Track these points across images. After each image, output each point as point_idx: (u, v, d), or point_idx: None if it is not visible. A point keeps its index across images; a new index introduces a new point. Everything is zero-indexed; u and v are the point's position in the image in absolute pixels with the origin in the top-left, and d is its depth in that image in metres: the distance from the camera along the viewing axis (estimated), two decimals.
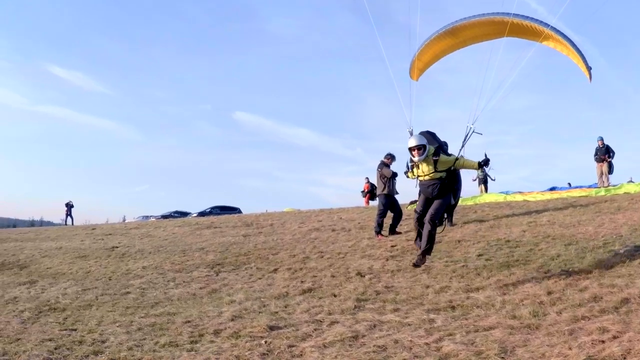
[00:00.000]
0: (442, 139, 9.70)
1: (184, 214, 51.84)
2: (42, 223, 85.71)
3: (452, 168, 8.82)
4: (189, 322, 8.64)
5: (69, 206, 48.65)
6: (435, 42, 11.06)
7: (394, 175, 16.24)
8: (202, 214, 47.72)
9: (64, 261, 17.70)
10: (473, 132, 8.99)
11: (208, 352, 6.89)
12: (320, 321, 8.14)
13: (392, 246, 14.34)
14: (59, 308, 10.48)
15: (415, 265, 9.57)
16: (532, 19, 10.03)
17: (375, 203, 26.99)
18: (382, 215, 16.21)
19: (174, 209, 55.55)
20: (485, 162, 8.87)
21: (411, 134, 9.11)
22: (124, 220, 55.58)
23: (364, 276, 11.33)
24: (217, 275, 13.16)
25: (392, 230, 16.21)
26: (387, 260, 12.72)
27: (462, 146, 9.06)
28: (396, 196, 16.61)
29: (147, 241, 21.40)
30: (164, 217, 49.64)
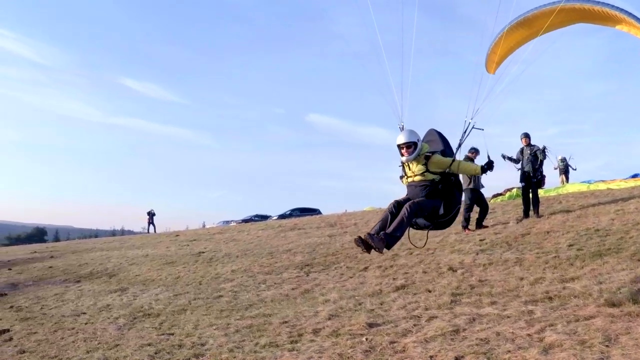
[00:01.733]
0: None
1: (264, 217, 55.26)
2: (123, 232, 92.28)
3: (447, 171, 8.01)
4: (286, 322, 9.55)
5: (151, 214, 52.14)
6: (509, 34, 11.55)
7: None
8: (282, 216, 50.89)
9: (152, 268, 19.38)
10: (473, 127, 8.16)
11: (310, 351, 7.68)
12: (418, 317, 8.81)
13: (481, 240, 14.99)
14: (153, 314, 11.73)
15: (363, 240, 7.58)
16: (603, 3, 10.27)
17: None
18: (468, 209, 17.31)
19: (253, 213, 59.83)
20: (489, 166, 8.06)
21: (401, 130, 8.28)
22: (204, 225, 58.61)
23: (456, 271, 12.03)
24: (307, 275, 14.16)
25: (479, 224, 17.18)
26: (477, 254, 13.34)
27: (459, 145, 8.25)
28: (482, 190, 17.62)
29: (233, 245, 22.86)
30: (245, 221, 52.85)
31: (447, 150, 8.37)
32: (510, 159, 17.84)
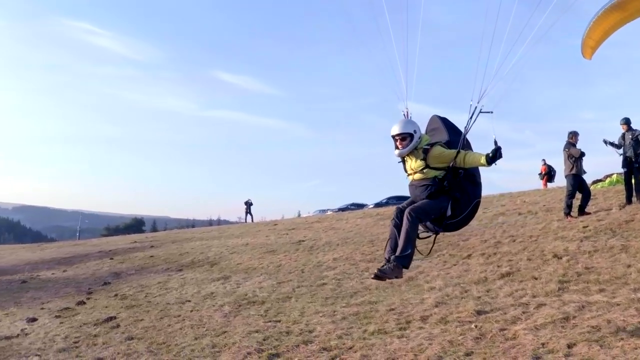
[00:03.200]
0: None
1: (360, 206, 56.38)
2: (219, 222, 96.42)
3: (451, 166, 7.27)
4: (392, 309, 9.93)
5: (248, 204, 54.32)
6: (603, 18, 11.59)
7: (582, 154, 17.57)
8: (378, 204, 51.74)
9: (253, 256, 20.18)
10: (480, 112, 7.36)
11: (419, 338, 7.99)
12: (526, 304, 9.00)
13: (584, 227, 14.95)
14: (258, 301, 12.30)
15: (378, 276, 7.18)
16: None
17: (553, 185, 31.51)
18: (571, 196, 17.41)
19: (349, 202, 60.92)
20: (495, 154, 6.95)
21: (405, 116, 7.76)
22: (299, 215, 60.24)
23: (561, 258, 12.08)
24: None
25: (582, 211, 17.25)
26: (582, 241, 13.32)
27: (465, 132, 7.49)
28: (584, 176, 17.86)
29: (332, 234, 23.45)
30: (341, 209, 54.21)
31: (453, 139, 7.56)
32: (612, 144, 17.81)
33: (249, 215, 54.51)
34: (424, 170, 7.33)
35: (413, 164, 7.45)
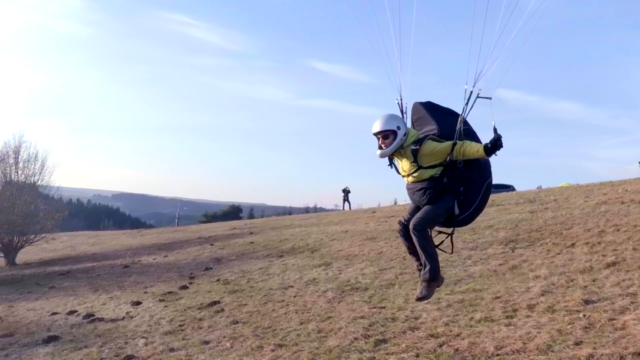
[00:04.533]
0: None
1: None
2: (315, 209, 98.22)
3: (449, 159, 6.54)
4: (498, 297, 9.94)
5: (346, 192, 55.08)
6: None
7: None
8: None
9: (353, 244, 20.41)
10: (477, 97, 6.66)
11: (527, 327, 7.99)
12: (634, 294, 8.83)
13: None
14: (361, 287, 12.47)
15: (420, 299, 6.99)
16: None
17: None
18: None
19: None
20: (495, 143, 6.27)
21: (399, 106, 7.09)
22: (395, 203, 60.53)
23: None
24: (513, 251, 14.37)
25: None
26: None
27: (461, 122, 6.68)
28: None
29: None
30: None
31: (444, 125, 6.79)
32: None
33: (346, 202, 55.10)
34: (417, 172, 6.61)
35: (404, 165, 6.75)
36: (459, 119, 6.62)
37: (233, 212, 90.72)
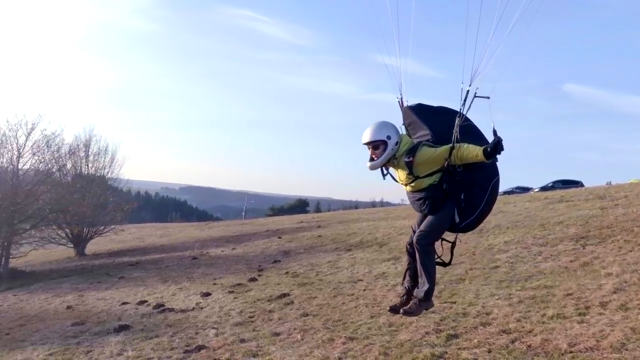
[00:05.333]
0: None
1: (525, 189, 58.66)
2: (382, 204, 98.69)
3: (447, 165, 6.17)
4: (569, 294, 9.83)
5: None
6: None
7: None
8: (544, 188, 53.74)
9: None
10: (475, 97, 6.24)
11: (600, 324, 7.92)
12: None
13: None
14: None
15: (407, 313, 6.58)
16: None
17: None
18: None
19: (513, 185, 62.83)
20: (495, 147, 5.89)
21: (400, 104, 6.79)
22: None
23: None
24: (583, 248, 14.17)
25: None
26: None
27: (458, 124, 6.24)
28: None
29: (502, 217, 23.23)
30: (506, 192, 55.74)
31: (437, 126, 6.42)
32: None
33: None
34: (415, 182, 6.27)
35: (400, 175, 6.41)
36: (456, 123, 6.16)
37: (300, 206, 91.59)
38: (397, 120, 6.56)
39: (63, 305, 18.25)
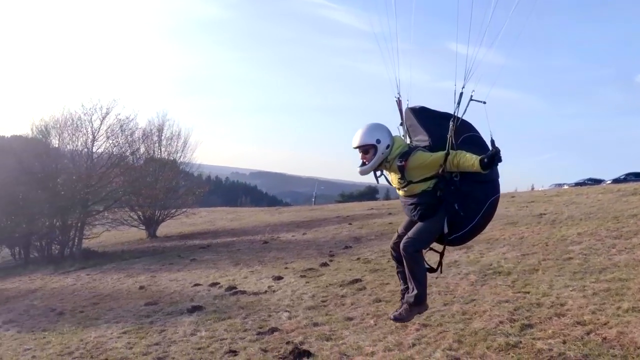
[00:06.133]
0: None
1: (597, 181, 57.89)
2: None
3: (441, 172, 6.01)
4: None
5: None
6: None
7: None
8: (616, 180, 52.99)
9: (494, 227, 20.22)
10: (470, 100, 6.03)
11: None
12: None
13: None
14: (503, 272, 12.48)
15: (396, 319, 6.74)
16: None
17: None
18: None
19: (585, 176, 62.99)
20: (492, 158, 5.69)
21: (398, 105, 6.66)
22: (532, 188, 60.11)
23: None
24: None
25: None
26: None
27: (453, 127, 6.03)
28: None
29: (574, 208, 22.92)
30: (578, 184, 55.80)
31: (438, 132, 6.18)
32: None
33: None
34: (408, 187, 6.17)
35: (392, 177, 6.36)
36: (450, 128, 6.00)
37: (369, 193, 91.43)
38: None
39: (136, 286, 18.95)
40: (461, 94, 5.96)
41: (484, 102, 6.01)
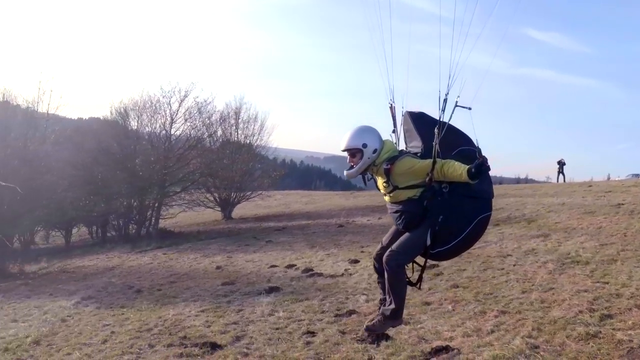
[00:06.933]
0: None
1: None
2: (527, 180, 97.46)
3: (428, 180, 5.86)
4: None
5: (561, 164, 53.93)
6: None
7: None
8: None
9: (571, 216, 20.05)
10: (456, 106, 5.90)
11: None
12: None
13: None
14: (582, 261, 12.44)
15: (369, 330, 6.70)
16: None
17: None
18: None
19: None
20: (479, 168, 5.57)
21: (392, 110, 6.50)
22: (609, 178, 58.81)
23: None
24: None
25: None
26: None
27: (439, 134, 5.86)
28: None
29: None
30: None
31: (431, 139, 5.96)
32: None
33: (561, 175, 54.09)
34: (394, 193, 6.08)
35: (379, 182, 6.26)
36: (435, 134, 5.87)
37: None
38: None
39: (212, 266, 19.58)
40: (445, 100, 5.89)
41: (469, 108, 5.94)
